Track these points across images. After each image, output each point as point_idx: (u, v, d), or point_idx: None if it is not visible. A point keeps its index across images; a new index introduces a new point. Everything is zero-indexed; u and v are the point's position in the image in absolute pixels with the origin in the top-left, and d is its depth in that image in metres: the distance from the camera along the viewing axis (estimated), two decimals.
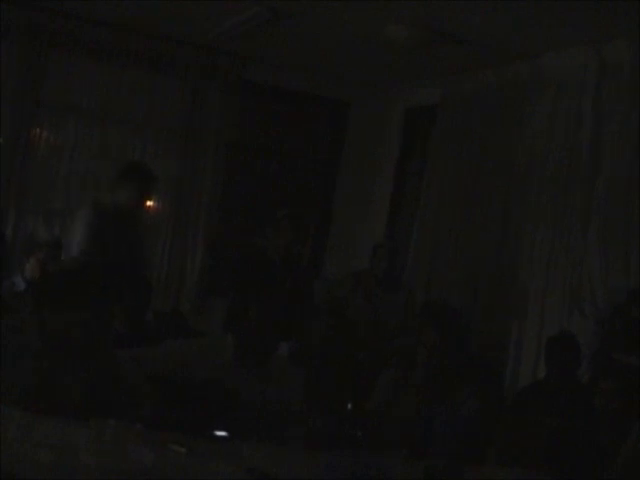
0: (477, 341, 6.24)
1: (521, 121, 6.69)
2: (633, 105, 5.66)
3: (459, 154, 7.36)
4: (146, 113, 7.83)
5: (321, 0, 6.03)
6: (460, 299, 6.63)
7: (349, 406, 4.82)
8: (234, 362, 4.08)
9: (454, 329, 5.25)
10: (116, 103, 7.76)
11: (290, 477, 3.15)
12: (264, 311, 4.18)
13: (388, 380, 4.63)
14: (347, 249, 8.31)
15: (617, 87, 5.82)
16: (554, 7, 5.35)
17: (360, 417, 4.46)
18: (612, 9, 5.16)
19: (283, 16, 6.46)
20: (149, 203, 8.08)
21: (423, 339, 4.63)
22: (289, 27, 6.75)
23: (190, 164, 7.96)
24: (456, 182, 7.30)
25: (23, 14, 7.24)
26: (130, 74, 7.75)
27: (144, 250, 6.22)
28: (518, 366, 6.18)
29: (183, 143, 7.99)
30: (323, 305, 6.36)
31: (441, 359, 4.46)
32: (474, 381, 4.69)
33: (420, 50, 6.73)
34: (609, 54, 5.91)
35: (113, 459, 3.02)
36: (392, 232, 8.21)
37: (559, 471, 3.85)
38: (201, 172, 7.98)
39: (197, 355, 4.06)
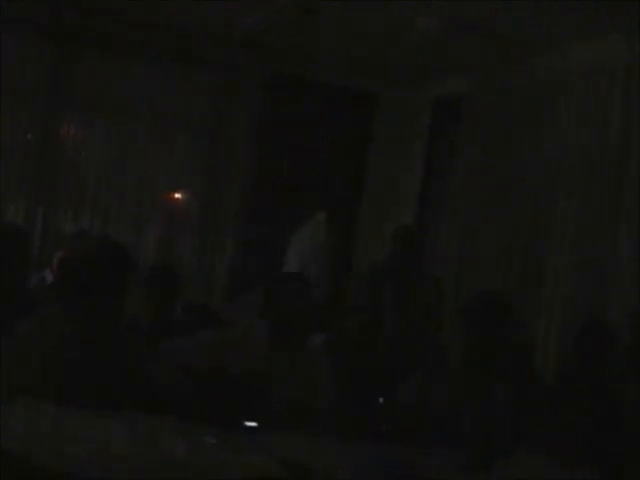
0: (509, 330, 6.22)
1: (550, 112, 6.66)
2: None
3: (487, 145, 7.34)
4: (175, 109, 7.85)
5: None
6: (491, 287, 6.61)
7: (380, 400, 4.80)
8: (267, 351, 4.09)
9: (499, 323, 5.23)
10: (145, 99, 7.78)
11: (322, 468, 3.14)
12: (297, 299, 4.18)
13: (420, 373, 4.62)
14: (376, 240, 8.29)
15: None
16: None
17: (392, 411, 4.45)
18: None
19: (312, 9, 6.46)
20: (178, 200, 8.14)
21: (464, 332, 4.59)
22: (318, 20, 6.75)
23: (219, 158, 7.97)
24: (485, 173, 7.28)
25: (53, 11, 7.28)
26: (159, 70, 7.77)
27: None
28: (549, 355, 6.16)
29: (213, 138, 8.00)
30: (353, 301, 6.37)
31: (479, 351, 4.43)
32: (508, 371, 4.66)
33: (449, 42, 6.72)
34: (638, 44, 5.87)
35: (145, 451, 3.02)
36: (421, 222, 8.19)
37: (590, 461, 3.83)
38: (230, 166, 7.99)
39: (229, 345, 4.06)
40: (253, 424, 3.55)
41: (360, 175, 8.68)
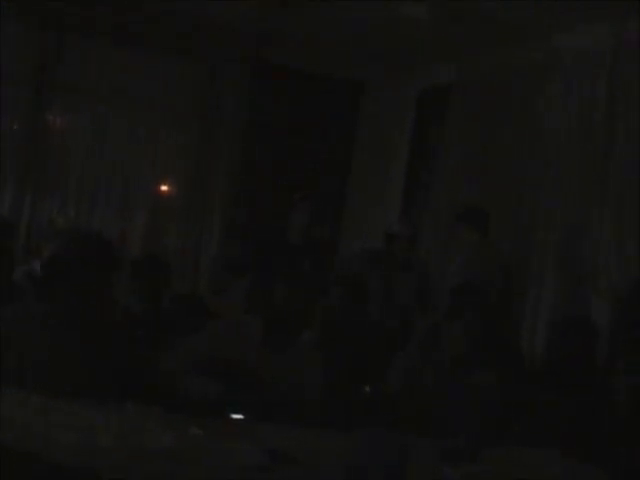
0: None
1: (536, 100, 6.66)
2: None
3: (474, 135, 7.34)
4: (162, 95, 7.85)
5: None
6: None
7: (367, 389, 4.82)
8: (261, 345, 4.10)
9: (485, 310, 5.26)
10: (132, 86, 7.77)
11: (309, 458, 3.15)
12: (293, 293, 4.19)
13: (405, 361, 4.63)
14: (361, 231, 8.30)
15: (633, 66, 5.79)
16: None
17: (378, 399, 4.46)
18: None
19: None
20: (164, 188, 8.13)
21: (454, 319, 4.59)
22: (304, 9, 6.74)
23: (207, 147, 7.97)
24: (471, 163, 7.29)
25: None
26: (146, 56, 7.75)
27: None
28: (532, 346, 6.18)
29: (199, 125, 7.99)
30: (338, 278, 6.34)
31: (466, 339, 4.45)
32: (494, 361, 4.68)
33: (435, 29, 6.71)
34: (625, 33, 5.87)
35: (131, 441, 3.03)
36: (407, 214, 8.19)
37: (576, 451, 3.85)
38: (218, 155, 7.99)
39: (226, 337, 4.09)
40: (239, 416, 3.56)
41: (346, 162, 8.69)
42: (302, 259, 6.32)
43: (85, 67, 7.66)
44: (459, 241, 6.51)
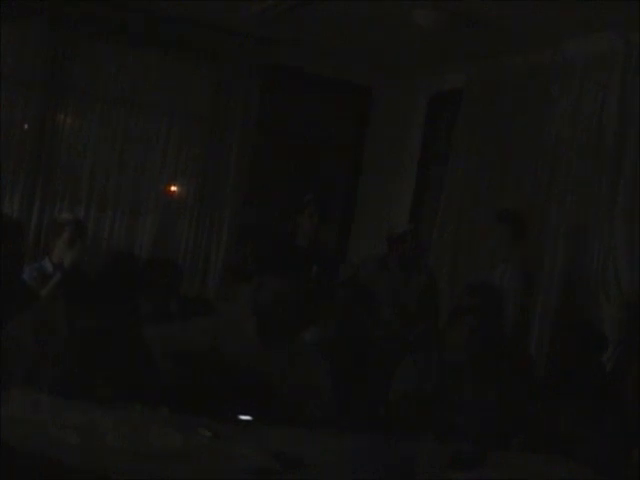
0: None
1: (546, 106, 6.66)
2: None
3: (483, 139, 7.33)
4: (171, 98, 7.84)
5: None
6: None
7: (373, 391, 4.82)
8: (256, 343, 4.10)
9: (495, 311, 5.25)
10: (141, 88, 7.77)
11: (316, 461, 3.15)
12: (281, 293, 4.19)
13: (410, 364, 4.62)
14: (371, 235, 8.29)
15: None
16: None
17: (385, 402, 4.47)
18: None
19: (308, 0, 6.45)
20: (173, 189, 8.13)
21: (462, 322, 4.57)
22: (313, 11, 6.74)
23: (215, 149, 7.97)
24: (480, 168, 7.28)
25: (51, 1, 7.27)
26: (155, 59, 7.75)
27: None
28: (542, 351, 6.17)
29: (208, 128, 8.00)
30: (345, 286, 6.35)
31: (475, 342, 4.44)
32: (503, 365, 4.68)
33: (445, 34, 6.71)
34: (635, 39, 5.87)
35: (139, 442, 3.04)
36: (416, 218, 8.19)
37: (584, 457, 3.84)
38: (226, 157, 7.98)
39: (223, 334, 4.08)
40: (247, 417, 3.56)
41: (355, 165, 8.69)
42: (309, 262, 6.31)
43: (91, 68, 7.64)
44: (494, 242, 6.44)
